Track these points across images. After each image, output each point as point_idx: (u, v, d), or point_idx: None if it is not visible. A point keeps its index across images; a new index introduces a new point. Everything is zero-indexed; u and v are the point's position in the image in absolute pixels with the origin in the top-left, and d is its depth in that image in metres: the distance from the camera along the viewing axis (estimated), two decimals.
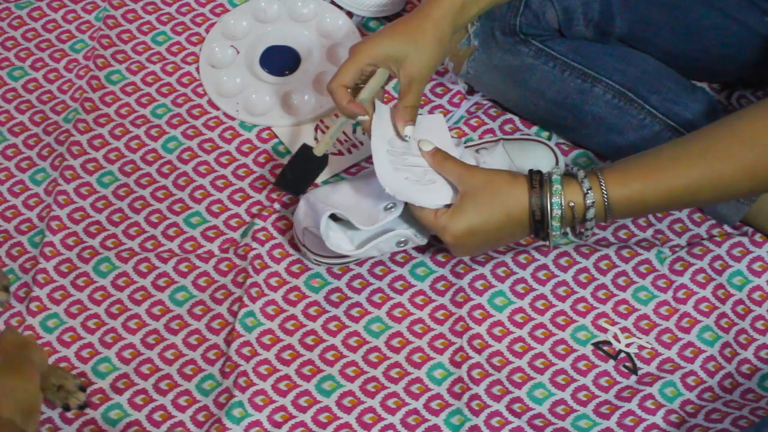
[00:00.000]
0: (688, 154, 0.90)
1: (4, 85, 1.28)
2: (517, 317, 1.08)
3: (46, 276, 1.12)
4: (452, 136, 1.13)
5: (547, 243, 0.95)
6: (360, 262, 1.12)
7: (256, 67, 1.28)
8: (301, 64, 1.29)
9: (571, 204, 0.92)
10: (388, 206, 1.03)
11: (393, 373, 1.06)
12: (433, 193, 1.04)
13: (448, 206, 0.98)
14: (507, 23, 1.14)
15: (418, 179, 1.00)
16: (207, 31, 1.32)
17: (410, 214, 1.01)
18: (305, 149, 1.11)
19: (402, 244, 1.06)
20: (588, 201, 0.91)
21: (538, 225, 0.94)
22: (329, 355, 1.07)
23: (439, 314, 1.09)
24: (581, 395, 1.04)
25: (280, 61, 1.29)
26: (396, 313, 1.09)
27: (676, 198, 0.91)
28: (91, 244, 1.15)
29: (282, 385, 1.05)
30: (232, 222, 1.17)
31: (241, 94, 1.26)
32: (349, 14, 1.32)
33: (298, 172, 1.11)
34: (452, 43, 1.15)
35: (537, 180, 0.93)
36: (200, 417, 1.04)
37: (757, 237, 1.12)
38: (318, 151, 1.10)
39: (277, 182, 1.13)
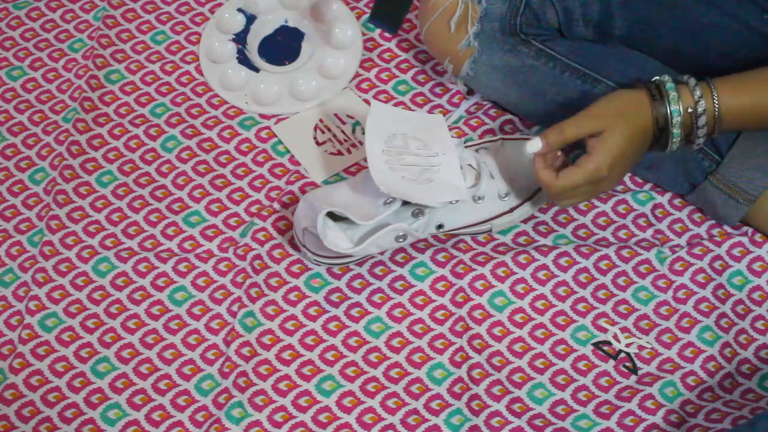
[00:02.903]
0: None
1: (3, 85, 1.28)
2: (517, 317, 1.08)
3: (45, 275, 1.12)
4: (452, 136, 1.13)
5: (666, 150, 0.99)
6: (360, 263, 1.12)
7: (256, 58, 1.28)
8: (301, 51, 1.29)
9: (690, 110, 0.96)
10: (387, 201, 1.03)
11: (393, 373, 1.06)
12: (431, 192, 1.04)
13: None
14: (507, 23, 1.15)
15: (414, 178, 1.00)
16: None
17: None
18: None
19: (401, 239, 1.05)
20: (699, 108, 0.96)
21: (661, 133, 0.98)
22: (329, 355, 1.07)
23: (439, 314, 1.09)
24: (581, 395, 1.04)
25: (279, 50, 1.29)
26: (396, 313, 1.09)
27: None
28: (90, 244, 1.15)
29: (282, 385, 1.05)
30: (231, 221, 1.17)
31: (247, 86, 1.26)
32: None
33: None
34: (452, 45, 1.15)
35: (656, 90, 0.97)
36: (199, 417, 1.04)
37: (757, 237, 1.12)
38: None
39: (373, 17, 1.05)
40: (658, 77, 0.98)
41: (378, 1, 1.03)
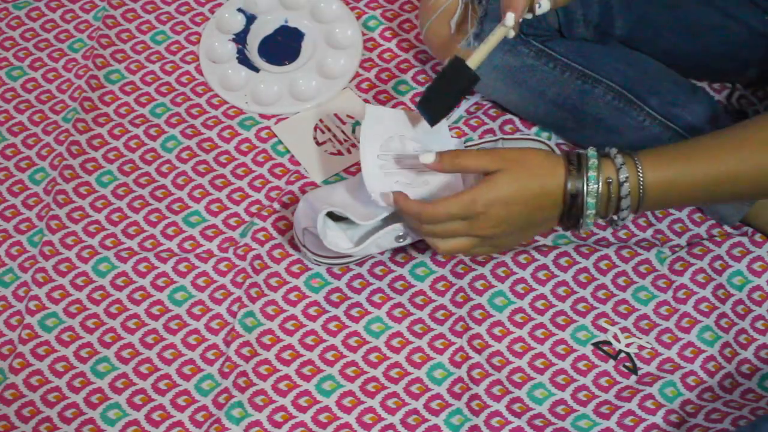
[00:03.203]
0: (727, 141, 0.88)
1: (3, 85, 1.28)
2: (517, 317, 1.08)
3: (45, 275, 1.12)
4: (452, 136, 1.13)
5: (579, 230, 0.91)
6: (360, 263, 1.12)
7: (256, 58, 1.28)
8: (301, 51, 1.29)
9: (609, 180, 0.88)
10: None
11: (393, 373, 1.06)
12: (428, 194, 1.03)
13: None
14: None
15: (410, 182, 0.99)
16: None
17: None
18: (456, 62, 0.95)
19: (401, 239, 1.05)
20: (621, 176, 0.87)
21: (573, 202, 0.88)
22: (329, 355, 1.07)
23: (439, 314, 1.09)
24: (581, 395, 1.04)
25: (279, 50, 1.29)
26: (396, 313, 1.09)
27: (713, 185, 0.88)
28: (90, 244, 1.15)
29: (282, 385, 1.05)
30: (231, 221, 1.17)
31: (247, 86, 1.26)
32: None
33: (443, 90, 0.96)
34: (453, 45, 1.15)
35: (574, 157, 0.89)
36: (199, 417, 1.04)
37: (757, 237, 1.12)
38: (472, 63, 0.95)
39: (420, 104, 0.98)
40: (582, 150, 0.91)
41: (429, 93, 0.98)
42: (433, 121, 0.98)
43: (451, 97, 0.97)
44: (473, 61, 0.95)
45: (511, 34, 0.94)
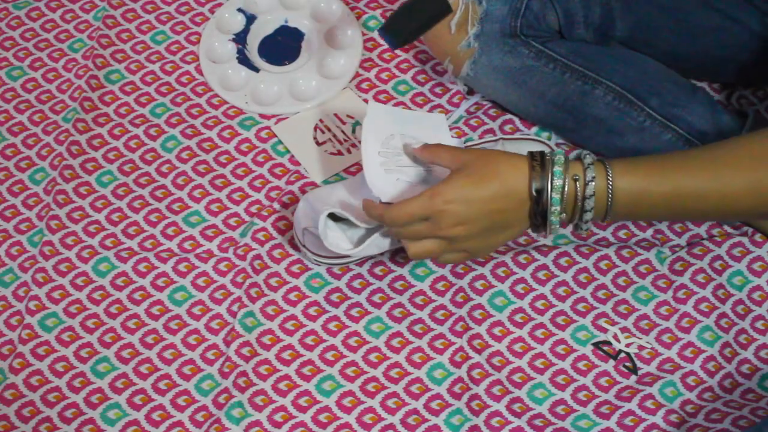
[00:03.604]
0: (698, 158, 0.88)
1: (3, 85, 1.28)
2: (517, 317, 1.08)
3: (45, 275, 1.12)
4: (452, 136, 1.13)
5: (546, 230, 0.90)
6: (360, 263, 1.12)
7: (256, 58, 1.29)
8: (301, 51, 1.29)
9: (576, 177, 0.87)
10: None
11: (393, 373, 1.06)
12: None
13: None
14: (508, 25, 1.14)
15: (410, 179, 1.00)
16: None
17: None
18: None
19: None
20: (588, 175, 0.87)
21: (538, 199, 0.88)
22: (329, 355, 1.07)
23: (439, 314, 1.09)
24: (581, 395, 1.04)
25: (279, 50, 1.29)
26: (396, 313, 1.09)
27: (681, 200, 0.87)
28: (90, 244, 1.15)
29: (282, 385, 1.05)
30: (231, 221, 1.17)
31: (247, 86, 1.26)
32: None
33: (412, 14, 0.94)
34: (452, 45, 1.15)
35: (537, 155, 0.89)
36: (199, 417, 1.04)
37: (757, 237, 1.12)
38: None
39: (382, 27, 0.95)
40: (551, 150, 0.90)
41: (394, 16, 0.96)
42: (395, 44, 0.95)
43: (418, 22, 0.94)
44: None
45: None
